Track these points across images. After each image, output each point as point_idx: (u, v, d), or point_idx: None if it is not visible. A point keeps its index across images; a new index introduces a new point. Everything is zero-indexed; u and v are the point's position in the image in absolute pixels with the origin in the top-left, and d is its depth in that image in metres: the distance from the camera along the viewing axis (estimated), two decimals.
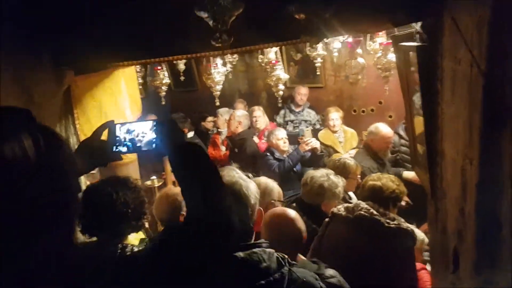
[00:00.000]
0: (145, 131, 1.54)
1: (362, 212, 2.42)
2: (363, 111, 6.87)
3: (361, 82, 6.67)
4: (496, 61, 1.38)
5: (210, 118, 6.84)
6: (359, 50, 4.68)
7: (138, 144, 1.54)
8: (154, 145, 1.52)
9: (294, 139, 5.82)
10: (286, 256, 1.70)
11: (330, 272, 1.90)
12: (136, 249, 2.02)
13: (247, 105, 7.10)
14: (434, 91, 1.93)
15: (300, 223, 2.30)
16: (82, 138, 2.78)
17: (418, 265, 2.72)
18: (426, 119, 1.98)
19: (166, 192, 2.95)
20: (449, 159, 1.88)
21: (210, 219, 1.37)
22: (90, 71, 2.77)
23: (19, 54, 2.08)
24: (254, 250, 1.59)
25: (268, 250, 1.63)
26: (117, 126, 1.54)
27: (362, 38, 4.67)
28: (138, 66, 5.66)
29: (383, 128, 4.62)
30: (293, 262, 1.76)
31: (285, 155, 4.91)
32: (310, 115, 6.61)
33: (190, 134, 5.96)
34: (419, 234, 2.89)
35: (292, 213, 2.34)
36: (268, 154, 4.95)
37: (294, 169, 4.92)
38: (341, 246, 2.45)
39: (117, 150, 1.53)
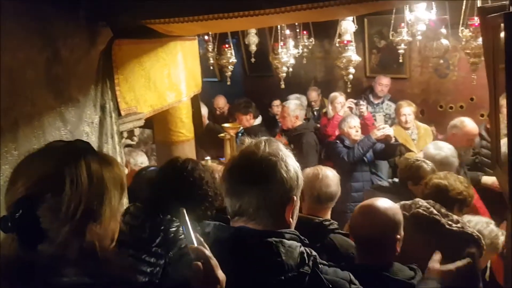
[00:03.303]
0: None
1: (420, 210, 2.16)
2: (451, 108, 6.25)
3: (451, 75, 6.08)
4: None
5: (276, 102, 6.59)
6: (443, 30, 4.14)
7: None
8: None
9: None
10: (315, 254, 1.41)
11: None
12: None
13: (322, 93, 6.80)
14: None
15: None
16: (122, 105, 2.68)
17: None
18: (510, 105, 1.57)
19: None
20: None
21: None
22: (131, 33, 2.63)
23: (47, 2, 1.98)
24: (268, 239, 1.33)
25: (289, 242, 1.35)
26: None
27: (448, 16, 4.12)
28: (210, 44, 5.59)
29: (469, 123, 4.15)
30: (323, 261, 1.47)
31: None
32: (390, 108, 6.13)
33: (258, 121, 5.73)
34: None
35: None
36: (337, 141, 4.69)
37: (365, 158, 4.59)
38: None
39: None
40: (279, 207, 1.39)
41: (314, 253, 1.41)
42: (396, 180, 3.51)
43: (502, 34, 1.76)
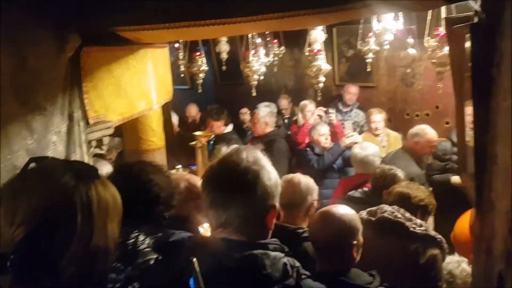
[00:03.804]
0: None
1: (385, 215, 2.30)
2: (417, 116, 6.41)
3: (417, 85, 6.25)
4: None
5: (244, 110, 6.61)
6: (410, 40, 4.27)
7: None
8: None
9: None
10: (298, 265, 1.41)
11: None
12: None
13: (293, 101, 6.86)
14: (489, 80, 1.57)
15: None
16: (91, 114, 2.63)
17: None
18: (476, 114, 1.63)
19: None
20: (502, 164, 1.53)
21: None
22: (101, 40, 2.59)
23: (15, 9, 1.92)
24: (253, 252, 1.31)
25: (273, 254, 1.34)
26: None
27: (415, 26, 4.26)
28: (181, 52, 5.56)
29: (429, 131, 4.32)
30: (306, 272, 1.47)
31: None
32: (359, 116, 6.27)
33: (229, 128, 5.72)
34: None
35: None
36: (308, 149, 4.77)
37: (335, 165, 4.68)
38: (363, 250, 2.21)
39: None
40: (263, 216, 1.38)
41: (297, 264, 1.41)
42: (366, 189, 3.56)
43: (468, 44, 1.83)
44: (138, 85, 3.20)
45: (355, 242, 2.01)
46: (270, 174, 1.39)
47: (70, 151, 2.47)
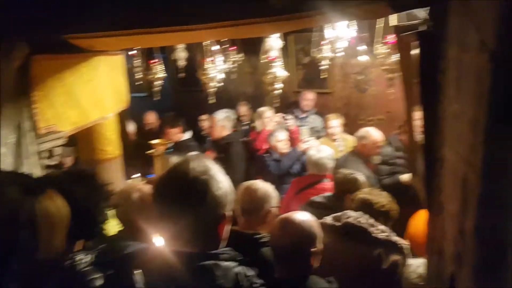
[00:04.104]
0: None
1: (349, 221, 2.30)
2: (371, 120, 6.58)
3: (370, 90, 6.44)
4: (509, 41, 1.08)
5: (204, 117, 6.59)
6: (362, 47, 4.41)
7: None
8: None
9: None
10: (251, 273, 1.40)
11: None
12: None
13: (252, 108, 6.89)
14: (436, 85, 1.64)
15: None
16: (41, 124, 2.53)
17: None
18: (424, 119, 1.69)
19: None
20: (450, 167, 1.59)
21: None
22: (52, 48, 2.50)
23: None
24: (204, 263, 1.29)
25: (225, 264, 1.32)
26: None
27: (366, 34, 4.40)
28: (138, 59, 5.47)
29: (374, 133, 4.52)
30: (259, 281, 1.46)
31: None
32: (316, 121, 6.38)
33: (187, 135, 5.67)
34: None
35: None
36: (266, 155, 4.86)
37: (293, 170, 4.77)
38: (327, 256, 2.23)
39: None
40: (214, 226, 1.36)
41: (251, 272, 1.40)
42: (329, 194, 3.62)
43: (416, 51, 1.89)
44: (91, 94, 3.11)
45: (314, 249, 2.02)
46: (220, 183, 1.37)
47: (19, 163, 2.36)
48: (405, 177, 4.26)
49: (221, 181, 1.38)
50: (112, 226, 2.90)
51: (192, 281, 1.28)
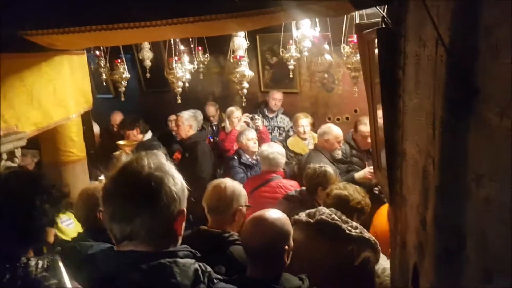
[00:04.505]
0: None
1: (323, 217, 2.35)
2: (338, 119, 6.68)
3: (336, 89, 6.51)
4: (463, 35, 1.12)
5: (172, 117, 6.51)
6: (326, 46, 4.47)
7: None
8: None
9: None
10: (209, 269, 1.39)
11: None
12: None
13: (220, 108, 6.87)
14: (395, 81, 1.67)
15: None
16: (1, 124, 2.45)
17: None
18: (385, 114, 1.72)
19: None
20: (411, 160, 1.62)
21: None
22: (11, 46, 2.42)
23: None
24: (162, 261, 1.27)
25: (183, 261, 1.31)
26: None
27: (329, 33, 4.46)
28: (102, 60, 5.37)
29: (335, 128, 4.62)
30: (218, 276, 1.45)
31: (254, 157, 4.81)
32: (284, 121, 6.42)
33: (148, 136, 5.57)
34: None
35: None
36: (235, 157, 4.80)
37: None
38: (301, 252, 2.25)
39: None
40: (170, 223, 1.33)
41: (209, 268, 1.38)
42: (303, 188, 3.65)
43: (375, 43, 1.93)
44: (53, 94, 3.02)
45: (287, 247, 2.00)
46: (175, 179, 1.33)
47: None
48: (359, 174, 4.38)
49: (176, 176, 1.35)
50: (74, 229, 2.84)
51: (150, 280, 1.25)
